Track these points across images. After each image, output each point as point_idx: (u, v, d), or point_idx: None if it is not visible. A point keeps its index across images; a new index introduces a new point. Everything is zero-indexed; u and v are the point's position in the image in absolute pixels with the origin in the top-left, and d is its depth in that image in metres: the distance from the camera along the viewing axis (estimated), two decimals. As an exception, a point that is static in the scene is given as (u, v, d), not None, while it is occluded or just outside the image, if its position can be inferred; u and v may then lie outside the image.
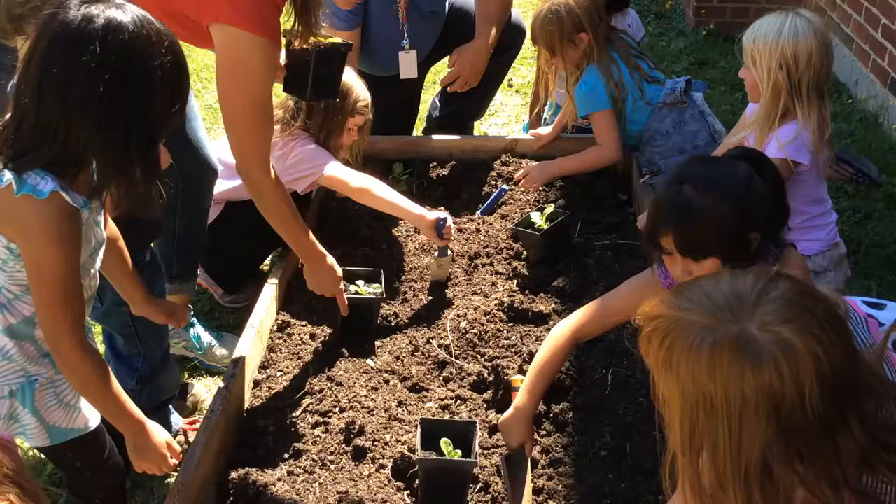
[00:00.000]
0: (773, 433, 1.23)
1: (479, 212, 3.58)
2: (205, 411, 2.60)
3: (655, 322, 1.33)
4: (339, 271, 2.77)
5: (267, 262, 3.49)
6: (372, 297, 2.89)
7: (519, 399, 2.33)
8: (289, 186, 3.14)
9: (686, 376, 1.27)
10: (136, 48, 1.67)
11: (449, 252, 3.12)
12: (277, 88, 2.69)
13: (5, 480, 1.30)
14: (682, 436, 1.30)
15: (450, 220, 3.09)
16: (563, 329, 2.38)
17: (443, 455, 2.25)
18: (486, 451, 2.43)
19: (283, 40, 2.58)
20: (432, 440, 2.28)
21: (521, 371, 2.64)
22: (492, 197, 3.61)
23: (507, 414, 2.34)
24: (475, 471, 2.33)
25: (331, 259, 2.74)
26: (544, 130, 3.91)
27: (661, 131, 3.56)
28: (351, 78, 3.22)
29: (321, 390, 2.63)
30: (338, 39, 2.73)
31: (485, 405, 2.59)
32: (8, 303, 1.89)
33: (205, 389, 2.99)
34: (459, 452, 2.26)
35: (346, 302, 2.81)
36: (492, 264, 3.22)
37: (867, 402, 1.30)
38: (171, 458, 2.05)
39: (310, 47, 2.59)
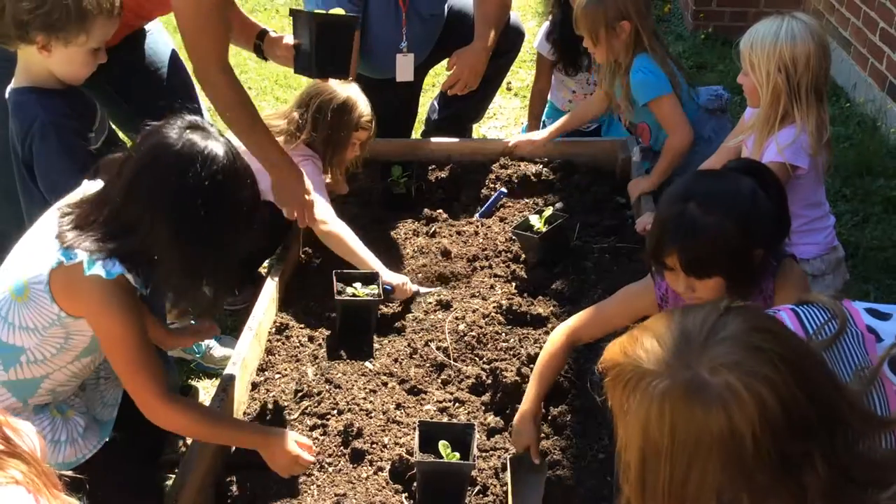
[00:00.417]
0: (728, 476, 1.22)
1: (477, 214, 3.59)
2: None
3: (615, 370, 1.34)
4: (309, 184, 2.74)
5: (266, 263, 3.49)
6: (370, 299, 2.89)
7: (522, 403, 2.35)
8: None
9: (641, 422, 1.27)
10: (225, 179, 1.84)
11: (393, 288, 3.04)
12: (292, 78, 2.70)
13: (7, 457, 1.32)
14: (637, 480, 1.29)
15: (399, 285, 3.01)
16: (559, 333, 2.39)
17: (441, 457, 2.25)
18: (484, 454, 2.43)
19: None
20: (431, 442, 2.28)
21: (520, 373, 2.64)
22: (490, 200, 3.61)
23: (515, 418, 2.37)
24: (473, 473, 2.33)
25: (300, 170, 2.71)
26: (539, 135, 3.90)
27: (704, 136, 3.51)
28: (355, 93, 3.26)
29: (319, 392, 2.63)
30: (342, 11, 2.73)
31: (483, 408, 2.59)
32: (24, 363, 1.95)
33: (203, 391, 2.98)
34: (457, 455, 2.26)
35: (315, 217, 2.76)
36: (490, 267, 3.22)
37: (839, 436, 1.27)
38: (306, 455, 2.18)
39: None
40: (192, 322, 2.55)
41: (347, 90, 3.27)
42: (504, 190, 3.66)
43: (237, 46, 2.92)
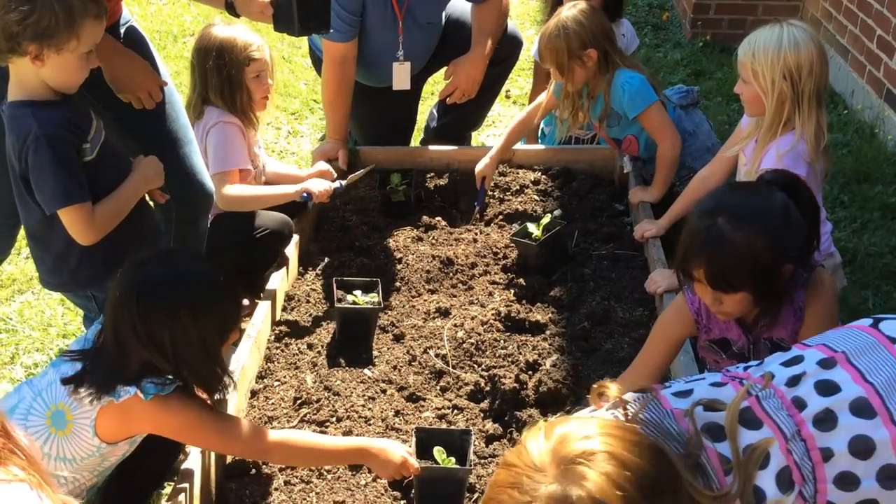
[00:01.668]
0: None
1: (475, 207, 3.62)
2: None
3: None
4: (151, 70, 2.62)
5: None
6: (369, 306, 2.90)
7: None
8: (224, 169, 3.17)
9: None
10: (204, 295, 2.05)
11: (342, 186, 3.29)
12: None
13: (8, 454, 1.34)
14: None
15: (314, 190, 3.20)
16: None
17: (437, 463, 2.25)
18: (483, 461, 2.43)
19: None
20: (427, 449, 2.29)
21: (518, 380, 2.64)
22: (479, 192, 3.65)
23: None
24: (472, 480, 2.33)
25: (133, 54, 2.59)
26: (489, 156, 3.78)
27: (688, 131, 3.55)
28: (235, 31, 3.16)
29: (318, 400, 2.63)
30: None
31: (482, 414, 2.60)
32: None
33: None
34: (453, 460, 2.26)
35: (161, 97, 2.65)
36: (489, 274, 3.23)
37: None
38: (410, 461, 2.23)
39: None
40: None
41: (226, 31, 3.16)
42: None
43: (207, 5, 2.83)
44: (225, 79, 3.14)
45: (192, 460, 2.26)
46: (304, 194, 3.19)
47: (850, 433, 1.50)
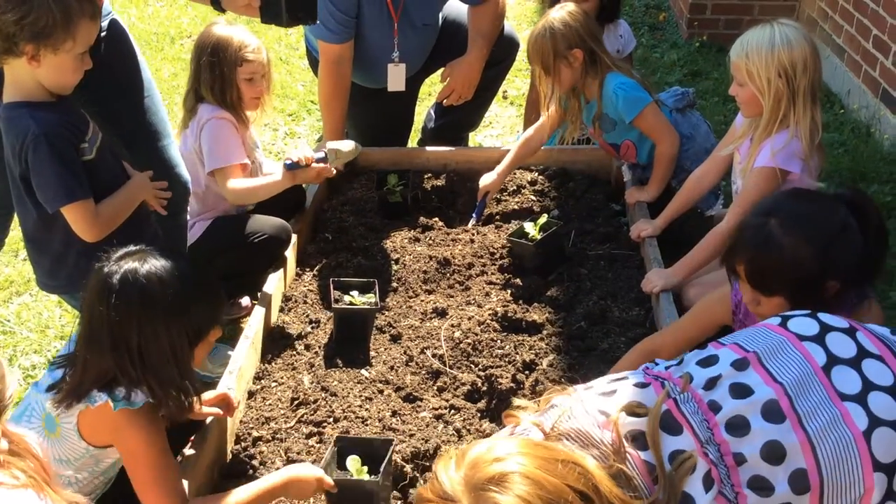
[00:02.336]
0: None
1: (472, 221, 3.60)
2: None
3: None
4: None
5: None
6: (366, 307, 2.91)
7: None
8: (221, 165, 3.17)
9: None
10: (147, 293, 1.94)
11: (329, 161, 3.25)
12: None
13: (12, 457, 1.35)
14: None
15: (297, 156, 3.18)
16: (635, 352, 2.40)
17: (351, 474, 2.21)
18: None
19: None
20: (346, 458, 2.25)
21: (515, 380, 2.65)
22: (478, 205, 3.64)
23: None
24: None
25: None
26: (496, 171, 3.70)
27: (685, 135, 3.55)
28: (233, 30, 3.17)
29: (315, 400, 2.64)
30: None
31: (479, 414, 2.60)
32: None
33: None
34: (366, 469, 2.22)
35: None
36: (486, 274, 3.23)
37: None
38: (325, 478, 2.17)
39: None
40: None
41: (225, 30, 3.17)
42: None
43: (197, 3, 2.83)
44: (217, 76, 3.15)
45: (189, 463, 2.26)
46: (287, 162, 3.16)
47: (763, 438, 1.51)
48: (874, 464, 1.48)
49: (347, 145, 3.45)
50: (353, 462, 2.23)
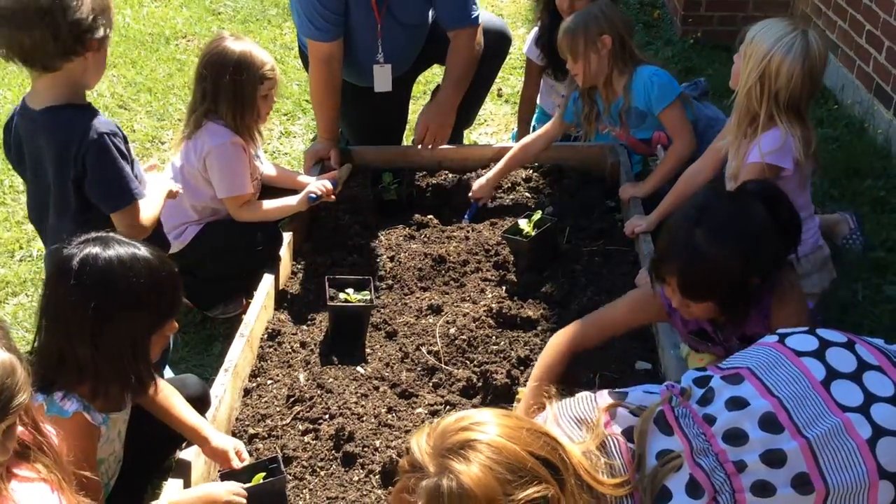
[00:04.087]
0: None
1: (464, 220, 3.61)
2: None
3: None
4: None
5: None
6: (362, 304, 2.91)
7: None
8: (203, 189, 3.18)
9: None
10: (108, 277, 1.90)
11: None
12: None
13: (34, 451, 1.37)
14: None
15: (318, 190, 3.31)
16: (559, 341, 2.39)
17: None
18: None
19: None
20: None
21: (510, 376, 2.66)
22: (470, 208, 3.66)
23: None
24: None
25: None
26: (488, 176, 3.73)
27: (711, 117, 3.58)
28: (248, 46, 3.16)
29: (311, 397, 2.65)
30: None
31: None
32: None
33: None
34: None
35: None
36: (481, 271, 3.24)
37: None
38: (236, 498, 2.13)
39: None
40: None
41: (240, 45, 3.14)
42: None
43: None
44: (240, 96, 3.13)
45: (189, 454, 2.27)
46: (311, 195, 3.29)
47: (762, 447, 1.54)
48: (880, 472, 1.49)
49: (345, 170, 3.72)
50: (256, 479, 2.23)
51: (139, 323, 1.96)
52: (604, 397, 1.67)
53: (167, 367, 2.84)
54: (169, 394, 2.28)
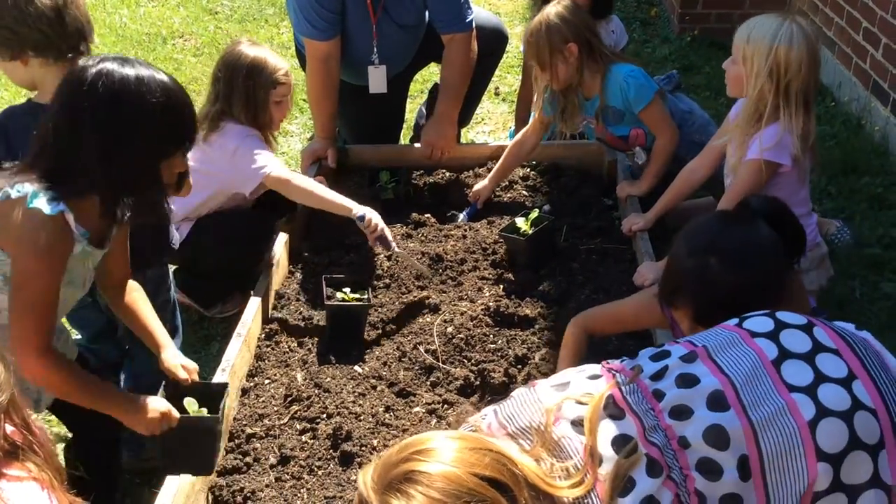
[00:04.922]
0: None
1: (462, 218, 3.61)
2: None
3: None
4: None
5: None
6: (359, 303, 2.91)
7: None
8: (236, 190, 3.17)
9: None
10: (125, 90, 1.89)
11: (392, 246, 3.12)
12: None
13: (24, 451, 1.36)
14: None
15: (372, 217, 3.07)
16: (575, 324, 2.46)
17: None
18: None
19: None
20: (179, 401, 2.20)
21: (507, 374, 2.66)
22: (467, 210, 3.66)
23: None
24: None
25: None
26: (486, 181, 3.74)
27: (685, 111, 3.59)
28: (263, 51, 3.20)
29: (309, 397, 2.64)
30: None
31: (472, 409, 2.61)
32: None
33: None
34: (205, 411, 2.21)
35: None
36: (478, 269, 3.24)
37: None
38: (175, 412, 2.10)
39: None
40: None
41: (255, 50, 3.19)
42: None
43: None
44: (252, 99, 3.17)
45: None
46: (361, 214, 3.08)
47: (705, 423, 1.52)
48: (818, 453, 1.48)
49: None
50: (189, 404, 2.20)
51: (151, 143, 1.93)
52: (547, 393, 1.62)
53: None
54: (138, 298, 2.28)
